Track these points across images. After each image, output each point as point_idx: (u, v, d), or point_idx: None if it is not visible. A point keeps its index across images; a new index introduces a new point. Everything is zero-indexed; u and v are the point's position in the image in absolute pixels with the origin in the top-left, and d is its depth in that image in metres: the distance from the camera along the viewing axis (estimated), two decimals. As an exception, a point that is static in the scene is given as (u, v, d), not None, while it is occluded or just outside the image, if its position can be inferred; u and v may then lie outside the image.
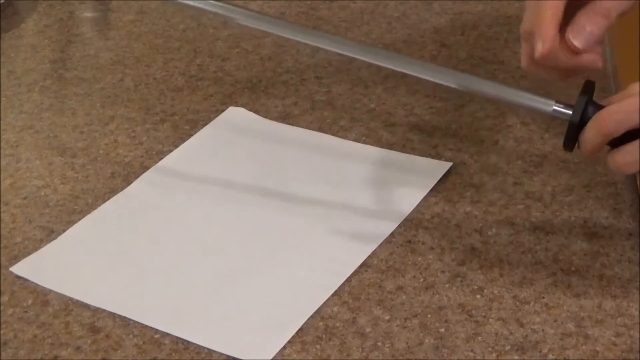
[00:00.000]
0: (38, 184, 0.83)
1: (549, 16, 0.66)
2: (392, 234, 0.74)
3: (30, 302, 0.70)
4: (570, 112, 0.66)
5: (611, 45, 0.99)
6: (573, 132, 0.66)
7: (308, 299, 0.68)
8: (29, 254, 0.75)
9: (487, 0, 1.07)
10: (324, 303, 0.68)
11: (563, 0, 0.66)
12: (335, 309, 0.67)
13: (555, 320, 0.65)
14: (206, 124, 0.89)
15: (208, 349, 0.65)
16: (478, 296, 0.68)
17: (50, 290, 0.71)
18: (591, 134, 0.65)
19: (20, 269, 0.73)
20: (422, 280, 0.70)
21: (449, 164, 0.81)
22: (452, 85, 0.70)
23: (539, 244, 0.72)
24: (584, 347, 0.63)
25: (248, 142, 0.87)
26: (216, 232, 0.76)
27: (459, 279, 0.69)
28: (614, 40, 1.00)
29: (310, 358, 0.64)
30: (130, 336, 0.66)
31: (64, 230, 0.77)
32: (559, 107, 0.67)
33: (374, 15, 1.07)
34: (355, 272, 0.70)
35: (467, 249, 0.72)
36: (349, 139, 0.86)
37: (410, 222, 0.75)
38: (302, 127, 0.88)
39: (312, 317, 0.67)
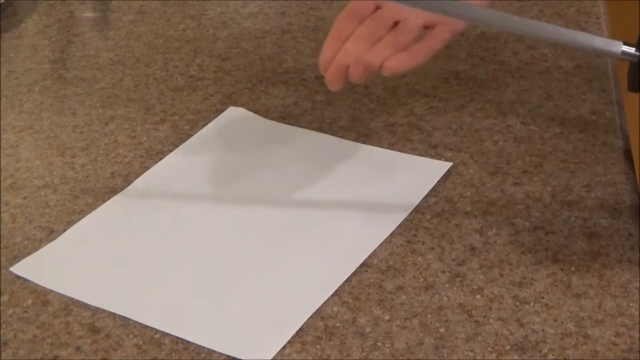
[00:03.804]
0: (38, 184, 0.83)
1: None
2: (392, 234, 0.74)
3: (30, 302, 0.70)
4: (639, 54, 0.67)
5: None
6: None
7: (308, 299, 0.68)
8: (29, 254, 0.75)
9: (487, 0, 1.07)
10: (324, 303, 0.68)
11: None
12: (335, 309, 0.67)
13: (555, 320, 0.65)
14: (206, 124, 0.89)
15: (208, 349, 0.65)
16: (478, 296, 0.68)
17: (50, 290, 0.71)
18: None
19: (20, 269, 0.73)
20: (422, 280, 0.69)
21: (449, 164, 0.81)
22: (520, 32, 0.70)
23: (539, 244, 0.72)
24: (584, 347, 0.63)
25: (248, 142, 0.87)
26: (216, 232, 0.76)
27: (459, 279, 0.69)
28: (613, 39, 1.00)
29: (310, 358, 0.64)
30: (130, 336, 0.66)
31: (64, 230, 0.77)
32: (627, 48, 0.67)
33: (374, 15, 1.07)
34: (355, 272, 0.70)
35: (467, 249, 0.72)
36: (349, 139, 0.86)
37: (410, 222, 0.75)
38: (302, 127, 0.88)
39: (312, 317, 0.67)
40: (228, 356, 0.64)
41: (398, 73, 0.72)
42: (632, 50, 0.68)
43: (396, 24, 0.75)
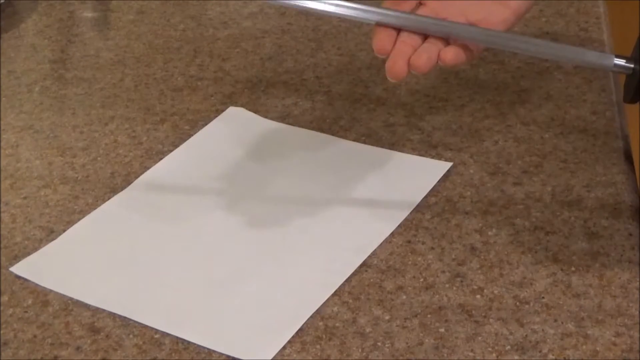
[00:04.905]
0: (38, 184, 0.83)
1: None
2: (392, 234, 0.74)
3: (30, 302, 0.70)
4: (632, 65, 0.67)
5: (610, 44, 0.99)
6: (636, 81, 0.67)
7: (308, 299, 0.68)
8: (29, 254, 0.75)
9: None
10: (324, 303, 0.68)
11: None
12: (335, 309, 0.67)
13: (555, 320, 0.65)
14: (206, 124, 0.89)
15: (208, 349, 0.65)
16: (478, 296, 0.68)
17: (50, 290, 0.71)
18: None
19: (20, 269, 0.73)
20: (422, 280, 0.70)
21: (449, 164, 0.81)
22: (509, 49, 0.70)
23: (539, 244, 0.72)
24: (584, 347, 0.63)
25: (248, 142, 0.87)
26: (216, 232, 0.76)
27: (459, 279, 0.69)
28: (613, 39, 1.00)
29: (310, 358, 0.64)
30: (130, 336, 0.66)
31: (64, 230, 0.77)
32: (619, 61, 0.68)
33: (374, 15, 1.07)
34: (355, 272, 0.70)
35: (467, 249, 0.72)
36: (349, 139, 0.86)
37: (410, 222, 0.75)
38: (302, 127, 0.88)
39: (312, 317, 0.67)
40: (228, 356, 0.64)
41: (452, 65, 0.70)
42: (623, 62, 0.68)
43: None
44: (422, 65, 0.68)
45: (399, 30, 0.70)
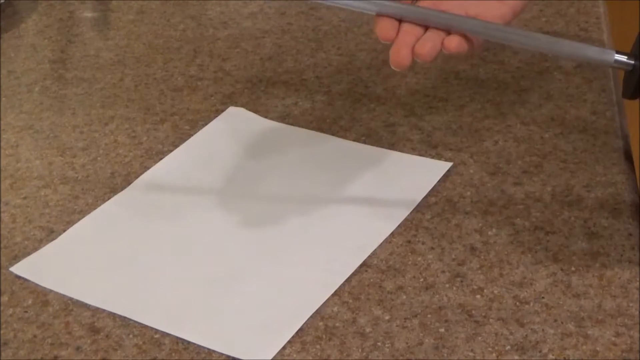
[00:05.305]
0: (38, 184, 0.83)
1: None
2: (392, 234, 0.74)
3: (30, 302, 0.70)
4: (632, 62, 0.67)
5: (610, 44, 0.99)
6: (636, 78, 0.68)
7: (308, 299, 0.68)
8: (29, 254, 0.75)
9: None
10: (324, 303, 0.68)
11: None
12: (335, 309, 0.67)
13: (555, 320, 0.65)
14: (206, 124, 0.89)
15: (208, 349, 0.65)
16: (478, 296, 0.68)
17: (50, 290, 0.71)
18: None
19: (20, 269, 0.73)
20: (422, 280, 0.70)
21: (449, 164, 0.81)
22: (510, 43, 0.70)
23: (539, 244, 0.72)
24: (584, 347, 0.63)
25: (248, 142, 0.87)
26: (216, 232, 0.76)
27: (459, 279, 0.69)
28: (613, 39, 1.00)
29: (310, 358, 0.64)
30: (130, 336, 0.66)
31: (64, 230, 0.77)
32: (620, 56, 0.67)
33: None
34: (355, 272, 0.70)
35: (467, 249, 0.72)
36: (349, 139, 0.86)
37: (410, 222, 0.75)
38: (302, 127, 0.88)
39: (312, 317, 0.67)
40: (228, 356, 0.64)
41: (456, 54, 0.70)
42: (624, 58, 0.68)
43: None
44: (426, 53, 0.68)
45: (400, 21, 0.70)
